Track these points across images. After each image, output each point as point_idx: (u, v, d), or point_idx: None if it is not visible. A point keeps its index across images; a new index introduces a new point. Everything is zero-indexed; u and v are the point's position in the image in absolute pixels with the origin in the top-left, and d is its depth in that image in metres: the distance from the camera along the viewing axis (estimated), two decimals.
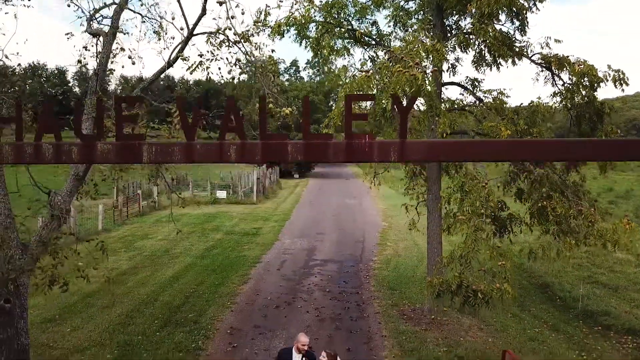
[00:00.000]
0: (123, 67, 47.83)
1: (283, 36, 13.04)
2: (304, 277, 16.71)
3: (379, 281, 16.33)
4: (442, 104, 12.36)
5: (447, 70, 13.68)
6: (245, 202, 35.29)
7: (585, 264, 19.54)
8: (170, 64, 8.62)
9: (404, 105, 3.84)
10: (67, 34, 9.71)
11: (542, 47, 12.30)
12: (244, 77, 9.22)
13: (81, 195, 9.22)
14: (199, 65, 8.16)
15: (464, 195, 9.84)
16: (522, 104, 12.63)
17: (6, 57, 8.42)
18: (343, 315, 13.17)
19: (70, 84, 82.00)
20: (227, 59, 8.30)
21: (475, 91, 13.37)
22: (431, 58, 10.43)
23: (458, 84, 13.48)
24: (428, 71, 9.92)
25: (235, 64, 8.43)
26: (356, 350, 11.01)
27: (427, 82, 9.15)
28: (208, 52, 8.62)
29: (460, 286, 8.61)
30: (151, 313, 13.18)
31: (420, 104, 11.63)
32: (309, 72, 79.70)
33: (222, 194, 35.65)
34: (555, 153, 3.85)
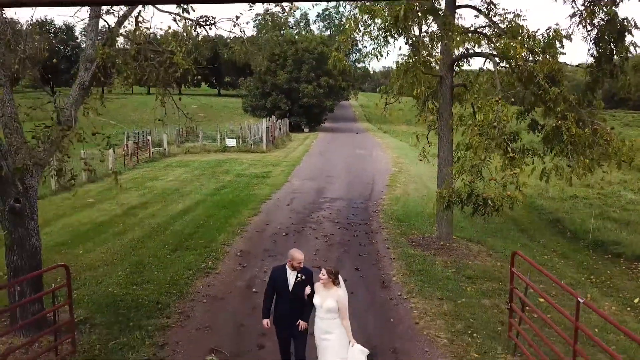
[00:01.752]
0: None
1: None
2: (314, 211, 16.74)
3: (387, 215, 16.32)
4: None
5: None
6: (255, 151, 35.24)
7: (596, 203, 19.39)
8: None
9: None
10: None
11: None
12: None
13: (88, 111, 9.12)
14: None
15: (476, 110, 9.60)
16: (538, 29, 12.19)
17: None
18: (352, 241, 13.22)
19: (78, 40, 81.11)
20: None
21: (490, 15, 12.90)
22: None
23: (473, 7, 12.99)
24: None
25: None
26: (364, 271, 11.07)
27: None
28: None
29: (470, 195, 8.49)
30: (162, 239, 13.32)
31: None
32: (319, 25, 77.96)
33: (231, 142, 35.64)
34: None
